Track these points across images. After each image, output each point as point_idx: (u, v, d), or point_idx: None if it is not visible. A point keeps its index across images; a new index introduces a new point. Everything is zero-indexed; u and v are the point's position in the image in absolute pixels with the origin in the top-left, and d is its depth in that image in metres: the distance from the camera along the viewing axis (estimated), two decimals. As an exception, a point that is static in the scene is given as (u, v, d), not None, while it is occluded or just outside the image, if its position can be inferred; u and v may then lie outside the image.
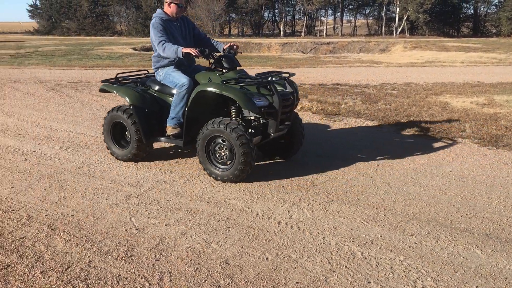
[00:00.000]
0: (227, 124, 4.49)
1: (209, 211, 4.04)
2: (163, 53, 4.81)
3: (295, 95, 4.90)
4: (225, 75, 4.71)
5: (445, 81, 13.16)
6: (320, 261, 3.20)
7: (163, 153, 5.78)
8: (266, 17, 68.21)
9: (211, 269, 3.09)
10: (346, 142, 6.38)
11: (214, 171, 4.71)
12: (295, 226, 3.75)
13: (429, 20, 53.80)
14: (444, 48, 29.49)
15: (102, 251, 3.31)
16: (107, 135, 5.45)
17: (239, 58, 5.17)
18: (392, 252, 3.32)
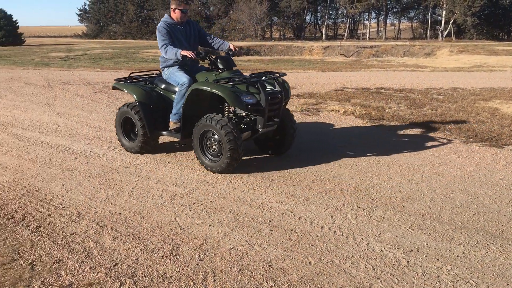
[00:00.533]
0: (218, 120, 4.85)
1: (252, 213, 4.06)
2: (165, 55, 5.24)
3: (283, 94, 5.17)
4: (220, 74, 5.09)
5: (494, 86, 12.70)
6: (364, 268, 3.15)
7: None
8: (308, 20, 68.04)
9: (254, 271, 3.11)
10: (390, 147, 6.27)
11: (206, 162, 5.12)
12: (338, 231, 3.72)
13: (477, 23, 52.08)
14: (493, 52, 28.47)
15: (148, 249, 3.39)
16: (118, 129, 5.94)
17: (277, 60, 5.34)
18: (439, 261, 3.23)
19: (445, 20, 53.74)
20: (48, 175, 5.06)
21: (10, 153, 5.91)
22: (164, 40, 5.23)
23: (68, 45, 39.31)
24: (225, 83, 4.91)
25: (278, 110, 5.23)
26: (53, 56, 25.93)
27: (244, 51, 32.70)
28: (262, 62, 24.46)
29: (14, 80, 13.83)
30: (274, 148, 5.77)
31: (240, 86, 4.91)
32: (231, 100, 4.77)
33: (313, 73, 16.74)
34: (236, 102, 4.77)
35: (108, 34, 64.41)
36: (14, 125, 7.55)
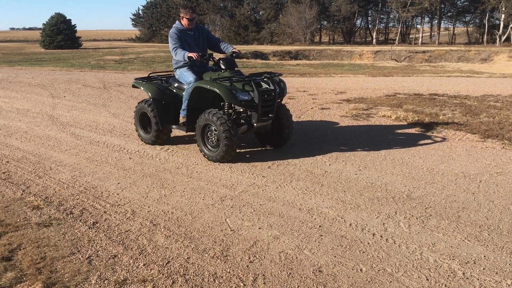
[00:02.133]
0: (214, 114, 5.43)
1: (301, 217, 4.05)
2: (175, 57, 5.93)
3: (277, 92, 5.64)
4: (222, 74, 5.66)
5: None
6: (418, 277, 3.07)
7: (255, 157, 5.90)
8: (359, 24, 67.12)
9: (304, 275, 3.10)
10: (444, 156, 6.07)
11: (206, 152, 5.69)
12: (390, 239, 3.64)
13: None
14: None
15: (199, 249, 3.45)
16: (137, 122, 6.65)
17: (326, 65, 5.34)
18: (497, 275, 3.10)
19: (503, 24, 51.50)
20: (104, 173, 5.25)
21: (68, 152, 6.19)
22: (175, 44, 5.92)
23: (122, 49, 40.68)
24: (223, 81, 5.43)
25: (272, 107, 5.73)
26: (108, 59, 26.91)
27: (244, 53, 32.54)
28: (311, 67, 24.36)
29: (72, 82, 14.46)
30: (273, 141, 6.32)
31: (236, 84, 5.43)
32: (226, 96, 5.29)
33: (363, 78, 16.49)
34: (231, 98, 5.29)
35: (160, 38, 66.10)
36: (72, 125, 7.89)
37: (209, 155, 5.67)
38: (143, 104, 6.47)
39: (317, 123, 8.16)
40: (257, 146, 6.47)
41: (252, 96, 5.45)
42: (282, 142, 6.27)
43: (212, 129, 5.59)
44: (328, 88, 13.00)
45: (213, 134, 5.60)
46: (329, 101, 10.48)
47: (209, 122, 5.52)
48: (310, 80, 15.58)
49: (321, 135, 7.17)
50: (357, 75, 17.66)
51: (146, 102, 6.42)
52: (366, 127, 7.86)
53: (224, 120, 5.36)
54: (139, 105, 6.59)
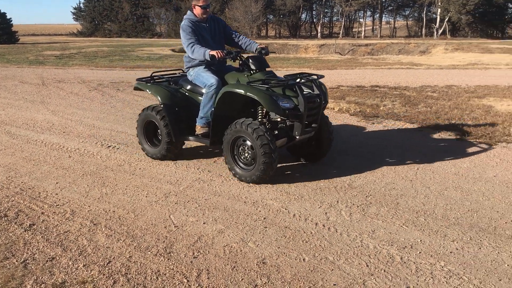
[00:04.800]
0: (248, 124, 4.51)
1: (246, 210, 4.06)
2: (192, 55, 4.91)
3: (322, 98, 4.82)
4: (252, 76, 4.72)
5: (488, 84, 12.73)
6: (358, 264, 3.16)
7: (201, 152, 5.86)
8: (304, 18, 68.04)
9: (248, 268, 3.11)
10: (384, 144, 6.28)
11: (237, 171, 4.74)
12: (332, 228, 3.72)
13: (472, 21, 52.26)
14: (487, 50, 28.57)
15: (142, 247, 3.38)
16: (140, 133, 5.61)
17: (273, 58, 5.21)
18: (432, 257, 3.25)
19: (440, 18, 53.87)
20: (42, 173, 5.04)
21: (3, 151, 5.88)
22: (190, 39, 4.90)
23: (63, 44, 39.11)
24: (259, 85, 4.53)
25: (317, 115, 4.87)
26: (47, 54, 25.80)
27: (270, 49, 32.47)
28: (258, 60, 24.47)
29: (8, 78, 13.76)
30: (309, 155, 5.37)
31: (276, 89, 4.56)
32: (267, 104, 4.41)
33: (308, 71, 16.74)
34: (273, 106, 4.41)
35: (103, 33, 64.12)
36: (8, 123, 7.51)
37: (242, 174, 4.70)
38: (149, 112, 5.40)
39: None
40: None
41: (296, 104, 4.55)
42: (320, 156, 5.32)
43: (245, 143, 4.65)
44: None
45: (246, 149, 4.67)
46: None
47: (241, 134, 4.59)
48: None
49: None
50: (303, 69, 17.90)
51: (154, 109, 5.37)
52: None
53: (262, 132, 4.44)
54: (144, 112, 5.51)
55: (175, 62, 20.35)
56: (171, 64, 19.19)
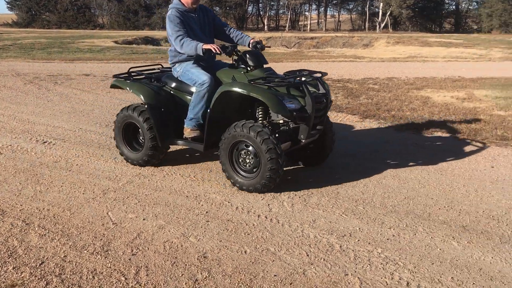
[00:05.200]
0: (251, 127, 4.06)
1: (188, 205, 4.00)
2: (180, 49, 4.40)
3: (328, 97, 4.50)
4: (250, 73, 4.29)
5: (426, 76, 13.27)
6: (299, 254, 3.19)
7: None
8: (250, 11, 68.04)
9: (189, 263, 3.06)
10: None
11: (238, 180, 4.28)
12: (274, 219, 3.73)
13: (412, 16, 54.29)
14: (426, 43, 29.77)
15: (77, 246, 3.25)
16: (119, 137, 5.01)
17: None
18: (370, 245, 3.33)
19: (382, 12, 55.50)
20: (-30, 172, 4.73)
21: None
22: (179, 31, 4.38)
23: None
24: (262, 84, 4.14)
25: (324, 117, 4.53)
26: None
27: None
28: (204, 53, 24.24)
29: None
30: (309, 158, 5.00)
31: (279, 88, 4.15)
32: (273, 106, 4.00)
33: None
34: (279, 107, 4.01)
35: (41, 23, 61.10)
36: None
37: (244, 183, 4.24)
38: (129, 112, 4.82)
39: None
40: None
41: (303, 104, 4.18)
42: (321, 160, 4.98)
43: (246, 149, 4.22)
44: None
45: (248, 154, 4.24)
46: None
47: (242, 139, 4.14)
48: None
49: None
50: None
51: (135, 109, 4.78)
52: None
53: (267, 136, 4.00)
54: (122, 113, 4.91)
55: (118, 55, 19.78)
56: (114, 57, 18.63)
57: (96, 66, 14.87)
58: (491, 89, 10.45)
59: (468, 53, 23.41)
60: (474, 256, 3.17)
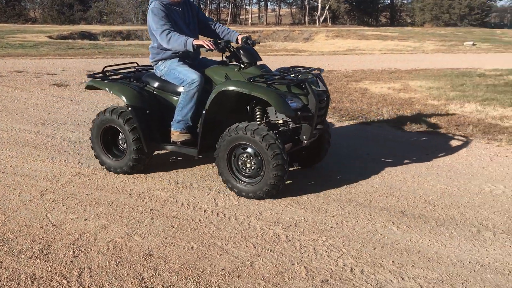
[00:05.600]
0: (255, 130, 3.80)
1: (132, 203, 3.91)
2: (167, 44, 4.08)
3: (328, 95, 4.31)
4: (245, 71, 4.06)
5: (364, 68, 13.71)
6: (246, 247, 3.21)
7: (81, 145, 5.51)
8: (191, 5, 67.15)
9: (134, 262, 3.00)
10: (271, 128, 6.44)
11: (238, 186, 4.02)
12: (221, 213, 3.73)
13: (349, 10, 55.78)
14: (364, 36, 30.71)
15: (14, 251, 3.09)
16: (97, 143, 4.61)
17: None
18: (315, 234, 3.40)
19: (321, 6, 56.60)
20: None
21: None
22: (164, 25, 4.07)
23: None
24: (261, 82, 3.89)
25: (325, 115, 4.36)
26: None
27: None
28: (144, 47, 23.65)
29: None
30: (305, 159, 4.76)
31: (279, 87, 3.90)
32: (277, 105, 3.75)
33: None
34: (284, 107, 3.76)
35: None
36: None
37: (244, 190, 3.97)
38: (109, 116, 4.43)
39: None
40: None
41: (305, 103, 3.96)
42: (317, 161, 4.76)
43: (246, 152, 3.97)
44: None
45: (250, 159, 3.97)
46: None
47: (243, 142, 3.89)
48: (143, 60, 15.05)
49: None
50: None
51: (114, 112, 4.40)
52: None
53: (273, 140, 3.75)
54: (100, 117, 4.52)
55: (53, 50, 18.92)
56: (48, 52, 17.81)
57: (29, 62, 14.16)
58: (425, 80, 10.96)
59: (403, 45, 24.41)
60: (413, 240, 3.33)
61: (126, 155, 4.47)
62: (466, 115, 7.17)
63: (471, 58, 17.05)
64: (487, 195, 4.15)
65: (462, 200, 4.04)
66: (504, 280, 2.83)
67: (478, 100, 8.10)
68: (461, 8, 47.12)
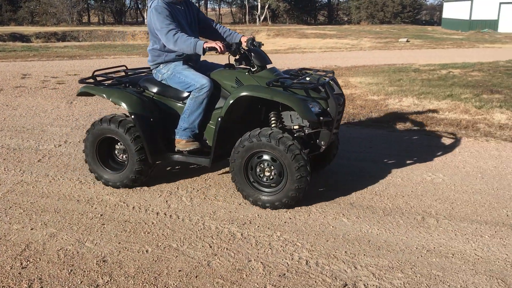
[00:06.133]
0: (280, 139, 3.57)
1: (81, 209, 3.79)
2: (174, 46, 3.79)
3: (344, 98, 4.15)
4: (258, 75, 3.85)
5: (306, 66, 13.95)
6: (202, 247, 3.20)
7: (21, 152, 5.26)
8: (128, 4, 65.65)
9: (87, 269, 2.92)
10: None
11: (260, 197, 3.78)
12: (174, 215, 3.70)
13: (289, 9, 56.61)
14: (304, 35, 31.29)
15: (-45, 267, 2.92)
16: (93, 157, 4.25)
17: (97, 46, 4.67)
18: (269, 229, 3.46)
19: (261, 5, 57.07)
20: None
21: None
22: (170, 24, 3.77)
23: None
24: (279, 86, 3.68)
25: (340, 120, 4.18)
26: None
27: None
28: (81, 48, 22.85)
29: None
30: (315, 163, 4.36)
31: (296, 91, 3.72)
32: (301, 111, 3.55)
33: (137, 58, 16.27)
34: (308, 113, 3.56)
35: None
36: None
37: (266, 200, 3.75)
38: (107, 125, 4.08)
39: (99, 106, 7.72)
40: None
41: (325, 107, 3.76)
42: (324, 165, 4.55)
43: (267, 160, 3.73)
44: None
45: (270, 168, 3.74)
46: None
47: (264, 149, 3.65)
48: (82, 62, 14.64)
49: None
50: (132, 56, 17.33)
51: (114, 121, 4.06)
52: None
53: (298, 151, 3.56)
54: (96, 127, 4.16)
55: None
56: (-23, 55, 16.79)
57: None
58: (364, 76, 11.35)
59: (342, 43, 25.10)
60: (363, 230, 3.46)
61: (128, 167, 4.13)
62: (405, 109, 7.50)
63: (406, 54, 17.81)
64: (429, 184, 4.38)
65: (406, 189, 4.24)
66: (448, 263, 3.00)
67: (415, 94, 8.49)
68: (394, 6, 49.02)
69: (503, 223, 3.56)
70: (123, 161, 4.30)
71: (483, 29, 33.16)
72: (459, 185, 4.33)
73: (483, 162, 4.95)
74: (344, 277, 2.85)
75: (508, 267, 2.95)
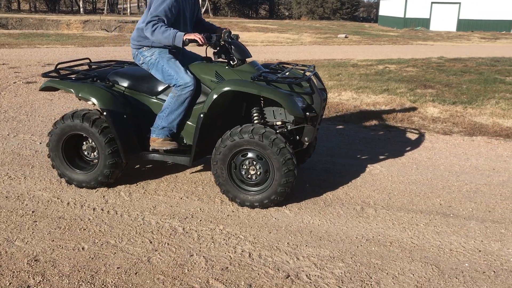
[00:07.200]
0: (263, 134, 3.46)
1: (10, 206, 3.56)
2: (151, 35, 3.55)
3: (326, 93, 4.11)
4: (238, 68, 3.72)
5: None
6: (141, 242, 3.10)
7: None
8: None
9: (17, 269, 2.74)
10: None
11: (244, 197, 3.65)
12: (112, 210, 3.56)
13: (230, 2, 56.41)
14: (245, 28, 31.29)
15: None
16: (57, 155, 3.90)
17: (29, 35, 4.40)
18: (212, 223, 3.41)
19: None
20: None
21: None
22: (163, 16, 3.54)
23: None
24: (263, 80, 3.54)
25: (323, 115, 4.12)
26: None
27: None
28: (11, 37, 21.56)
29: None
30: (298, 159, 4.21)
31: (280, 85, 3.60)
32: (288, 106, 3.43)
33: (73, 48, 15.58)
34: (295, 108, 3.45)
35: None
36: None
37: (254, 200, 3.61)
38: (75, 121, 3.74)
39: (31, 97, 7.30)
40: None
41: (309, 102, 3.67)
42: (307, 157, 4.45)
43: (252, 158, 3.59)
44: (33, 60, 11.79)
45: (254, 165, 3.61)
46: (35, 74, 9.53)
47: (249, 146, 3.51)
48: (11, 51, 13.80)
49: (29, 112, 6.44)
50: (66, 46, 16.57)
51: (84, 117, 3.73)
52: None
53: (283, 144, 3.45)
54: (62, 124, 3.80)
55: None
56: None
57: None
58: (305, 70, 11.52)
59: (283, 37, 25.34)
60: (305, 221, 3.49)
61: (98, 168, 3.83)
62: (344, 102, 7.68)
63: (345, 49, 18.26)
64: (367, 175, 4.50)
65: (345, 180, 4.33)
66: (386, 251, 3.10)
67: (353, 89, 8.72)
68: (333, 3, 50.11)
69: (437, 211, 3.72)
70: (90, 160, 4.03)
71: (416, 27, 34.70)
72: (395, 176, 4.48)
73: (417, 154, 5.17)
74: (287, 268, 2.86)
75: (441, 254, 3.08)
